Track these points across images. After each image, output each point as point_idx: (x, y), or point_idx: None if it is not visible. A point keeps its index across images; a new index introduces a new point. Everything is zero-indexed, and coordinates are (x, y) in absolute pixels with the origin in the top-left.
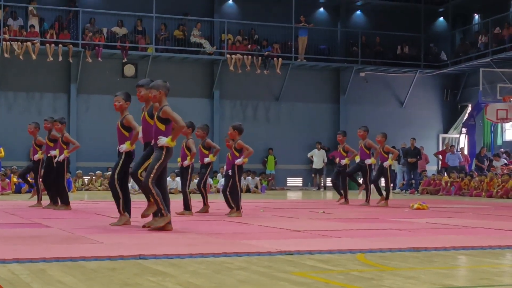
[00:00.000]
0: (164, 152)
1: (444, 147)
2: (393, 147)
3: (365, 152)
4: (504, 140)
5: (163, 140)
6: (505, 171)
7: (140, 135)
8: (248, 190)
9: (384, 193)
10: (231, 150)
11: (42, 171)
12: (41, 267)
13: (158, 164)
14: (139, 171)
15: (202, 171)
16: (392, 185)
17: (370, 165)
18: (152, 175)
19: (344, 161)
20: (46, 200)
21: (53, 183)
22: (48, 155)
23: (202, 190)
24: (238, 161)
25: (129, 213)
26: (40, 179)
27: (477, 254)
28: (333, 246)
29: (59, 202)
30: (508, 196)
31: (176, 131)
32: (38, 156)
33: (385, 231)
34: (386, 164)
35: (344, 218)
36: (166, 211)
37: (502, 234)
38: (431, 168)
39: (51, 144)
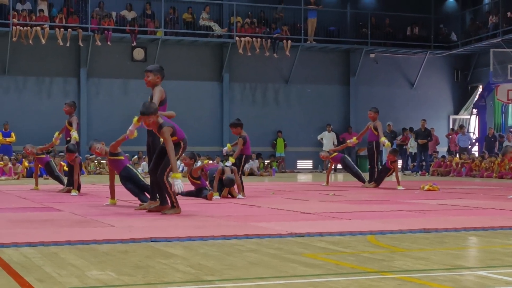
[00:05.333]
0: (181, 147)
1: (456, 129)
2: (403, 128)
3: (374, 134)
4: None
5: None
6: None
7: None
8: (251, 174)
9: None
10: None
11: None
12: (53, 250)
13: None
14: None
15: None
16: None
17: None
18: (167, 171)
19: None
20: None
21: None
22: (68, 138)
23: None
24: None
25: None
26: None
27: (488, 235)
28: (343, 228)
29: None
30: None
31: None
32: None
33: (395, 213)
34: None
35: (354, 200)
36: (177, 203)
37: None
38: (442, 150)
39: (70, 128)
